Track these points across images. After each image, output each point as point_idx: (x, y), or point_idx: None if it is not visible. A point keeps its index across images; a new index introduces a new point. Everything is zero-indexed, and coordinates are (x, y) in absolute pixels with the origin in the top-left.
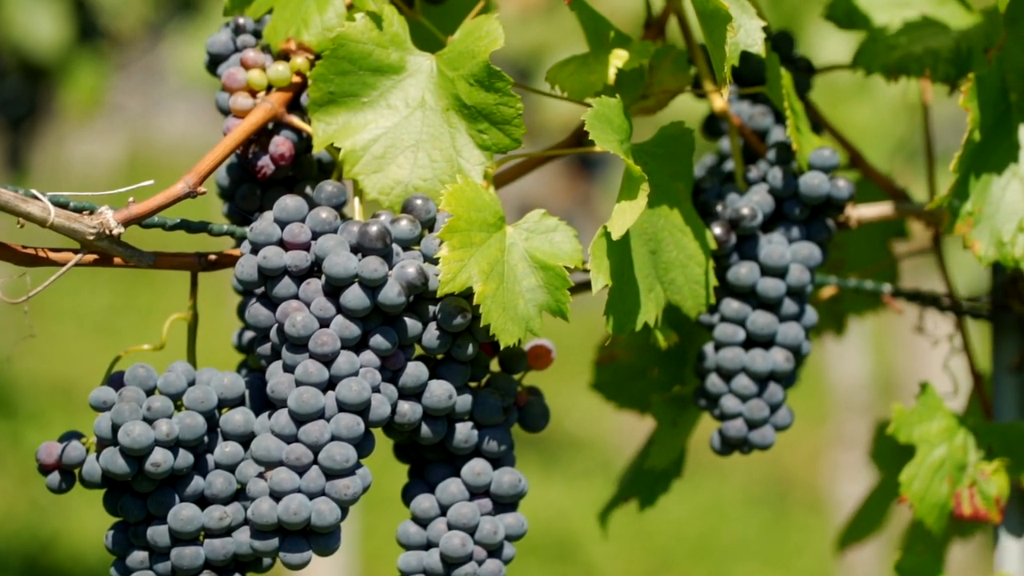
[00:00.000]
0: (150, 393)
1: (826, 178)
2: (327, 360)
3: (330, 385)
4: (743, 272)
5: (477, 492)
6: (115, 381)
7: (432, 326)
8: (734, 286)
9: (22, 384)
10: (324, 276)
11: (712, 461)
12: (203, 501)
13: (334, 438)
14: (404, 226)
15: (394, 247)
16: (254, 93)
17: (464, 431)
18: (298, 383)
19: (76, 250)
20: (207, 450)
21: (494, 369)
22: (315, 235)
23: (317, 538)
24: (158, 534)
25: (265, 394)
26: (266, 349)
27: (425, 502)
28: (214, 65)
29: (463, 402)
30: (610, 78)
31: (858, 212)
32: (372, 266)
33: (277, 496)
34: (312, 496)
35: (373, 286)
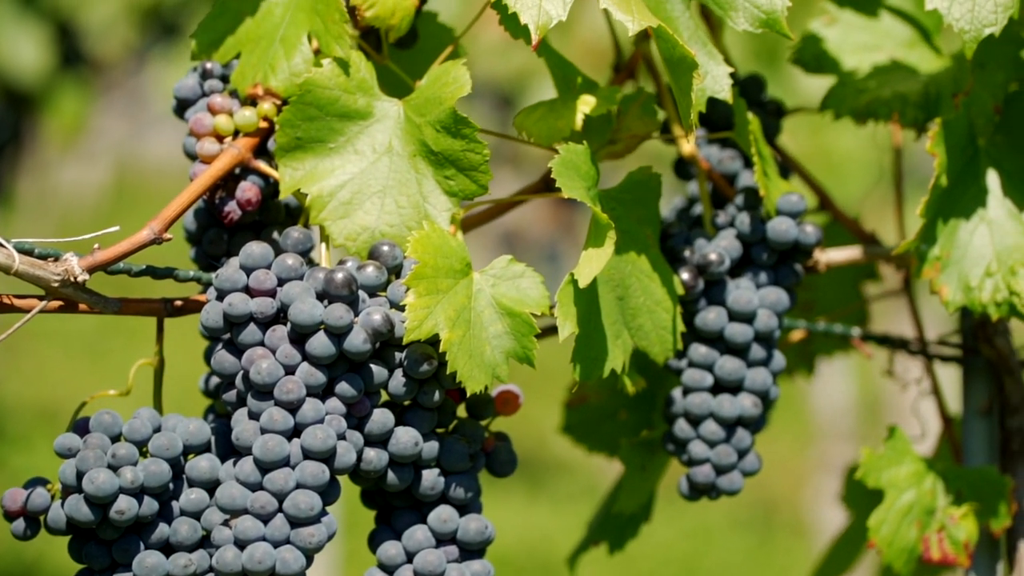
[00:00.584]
0: (115, 440)
1: (794, 223)
2: (292, 407)
3: (295, 432)
4: (711, 317)
5: (443, 539)
6: (80, 427)
7: (398, 373)
8: (702, 331)
9: (7, 407)
10: (290, 323)
11: None
12: (168, 548)
13: (299, 486)
14: (370, 273)
15: (360, 293)
16: (221, 138)
17: (430, 478)
18: (263, 430)
19: (41, 296)
20: (172, 497)
21: (461, 415)
22: (281, 282)
23: None
24: None
25: (231, 440)
26: (232, 396)
27: (391, 549)
28: (181, 110)
29: (429, 449)
30: (577, 124)
31: (827, 256)
32: (338, 313)
33: (242, 544)
34: (277, 544)
35: (339, 333)
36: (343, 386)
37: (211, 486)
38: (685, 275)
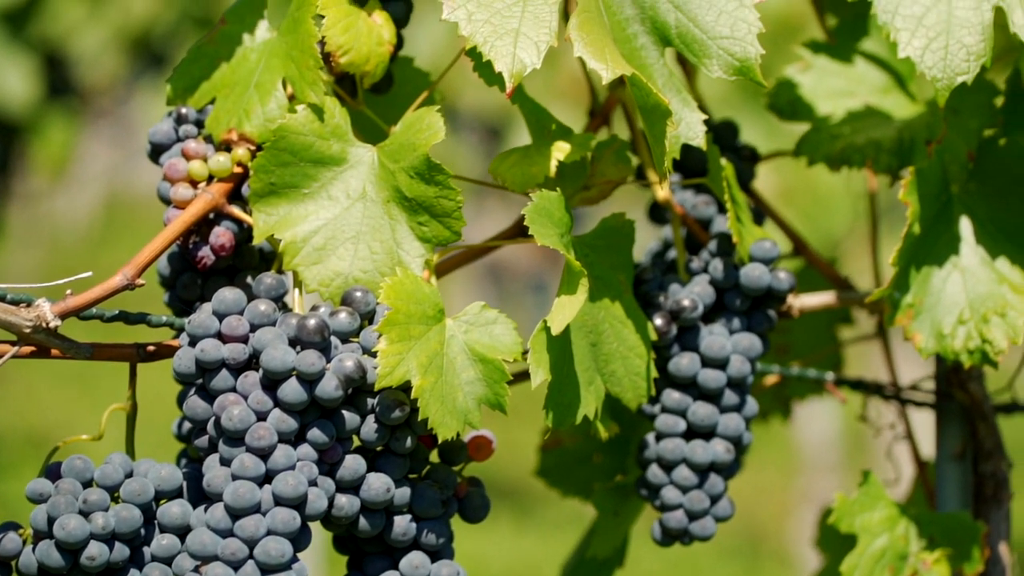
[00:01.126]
0: (87, 485)
1: (767, 270)
2: (264, 454)
3: (267, 479)
4: (684, 363)
5: None
6: (52, 472)
7: (370, 419)
8: (675, 377)
9: None
10: (262, 369)
11: None
12: None
13: (270, 532)
14: (343, 319)
15: (333, 340)
16: (195, 183)
17: (402, 524)
18: (234, 477)
19: (13, 342)
20: (144, 543)
21: (434, 460)
22: (253, 328)
23: None
24: None
25: (203, 486)
26: (203, 441)
27: None
28: (156, 155)
29: (401, 495)
30: (551, 170)
31: (800, 301)
32: (309, 360)
33: None
34: None
35: (310, 380)
36: (315, 432)
37: (182, 532)
38: (658, 321)
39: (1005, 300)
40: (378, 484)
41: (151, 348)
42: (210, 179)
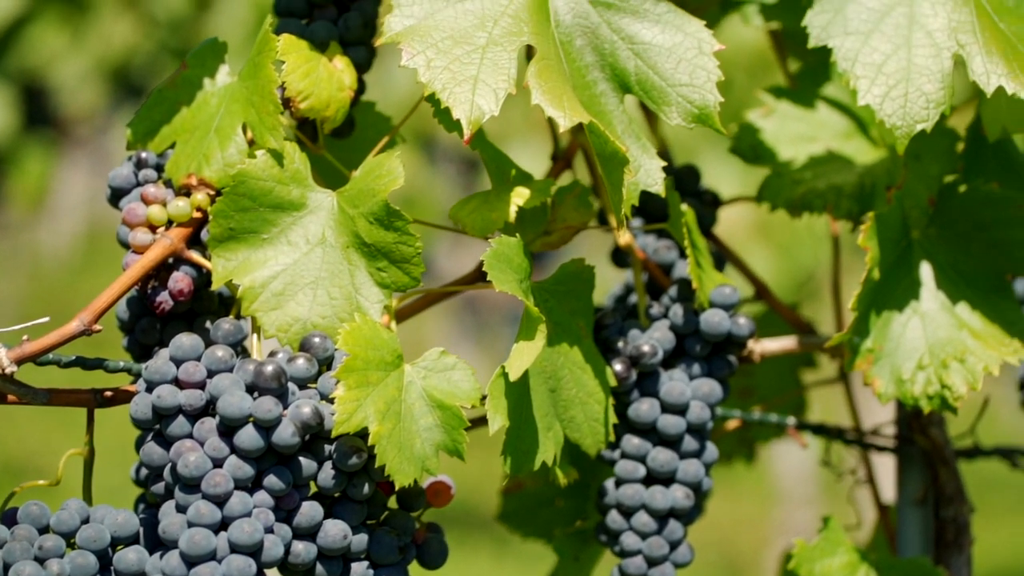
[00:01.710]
0: (43, 531)
1: (727, 316)
2: (220, 501)
3: (223, 526)
4: (644, 409)
5: None
6: (8, 518)
7: (328, 465)
8: (635, 423)
9: None
10: (218, 416)
11: None
12: None
13: None
14: (301, 365)
15: (290, 386)
16: (154, 228)
17: (360, 571)
18: (190, 524)
19: None
20: None
21: (392, 506)
22: (211, 374)
23: None
24: None
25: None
26: (160, 488)
27: None
28: (116, 199)
29: (359, 542)
30: (511, 216)
31: (762, 346)
32: (266, 407)
33: None
34: None
35: (267, 426)
36: (271, 479)
37: None
38: (618, 367)
39: (965, 346)
40: (335, 531)
41: (108, 394)
42: (169, 224)
